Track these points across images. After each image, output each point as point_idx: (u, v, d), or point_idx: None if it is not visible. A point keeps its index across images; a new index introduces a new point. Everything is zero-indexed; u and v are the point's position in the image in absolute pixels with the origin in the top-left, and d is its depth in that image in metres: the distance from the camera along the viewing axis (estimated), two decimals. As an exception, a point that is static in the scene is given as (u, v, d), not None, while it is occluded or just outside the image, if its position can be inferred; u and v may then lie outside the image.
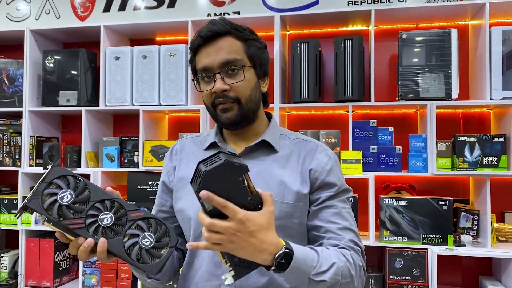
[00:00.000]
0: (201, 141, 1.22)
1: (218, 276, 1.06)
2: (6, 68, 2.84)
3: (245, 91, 1.08)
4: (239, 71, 1.08)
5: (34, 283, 2.69)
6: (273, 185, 1.08)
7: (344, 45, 2.37)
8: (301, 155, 1.13)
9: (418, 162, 2.29)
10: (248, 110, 1.10)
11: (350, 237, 1.07)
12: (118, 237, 0.93)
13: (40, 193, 0.91)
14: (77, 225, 0.91)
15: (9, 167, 2.80)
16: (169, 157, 1.24)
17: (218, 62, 1.07)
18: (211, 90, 1.08)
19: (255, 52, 1.11)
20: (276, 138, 1.15)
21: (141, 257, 0.94)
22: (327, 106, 2.48)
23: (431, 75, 2.30)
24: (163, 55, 2.59)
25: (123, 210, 0.96)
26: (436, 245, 2.23)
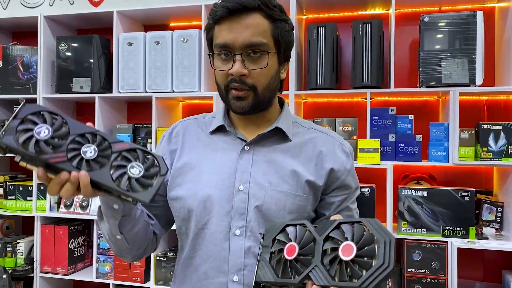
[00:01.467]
0: (205, 124, 1.12)
1: (225, 272, 0.98)
2: (20, 55, 2.83)
3: (264, 79, 0.99)
4: (263, 56, 0.97)
5: (49, 269, 2.71)
6: (286, 176, 1.01)
7: (363, 29, 2.28)
8: (317, 147, 1.05)
9: (439, 151, 2.20)
10: (263, 99, 1.01)
11: None
12: (104, 169, 0.85)
13: (14, 129, 0.81)
14: (58, 158, 0.82)
15: (24, 154, 2.80)
16: (167, 138, 1.13)
17: (242, 42, 0.95)
18: (228, 71, 0.97)
19: (282, 35, 1.00)
20: (289, 126, 1.07)
21: (131, 187, 0.86)
22: (344, 93, 2.40)
23: (454, 60, 2.19)
24: (176, 41, 2.53)
25: (107, 142, 0.87)
26: (457, 238, 2.15)
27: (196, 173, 1.04)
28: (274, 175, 1.01)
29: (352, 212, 1.08)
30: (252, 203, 0.99)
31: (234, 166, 1.02)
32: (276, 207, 0.98)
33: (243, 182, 1.00)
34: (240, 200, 0.99)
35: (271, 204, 0.98)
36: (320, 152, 1.05)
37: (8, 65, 2.83)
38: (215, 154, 1.05)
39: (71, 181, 0.81)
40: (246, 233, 0.98)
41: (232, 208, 0.99)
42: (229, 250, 0.99)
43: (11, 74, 2.83)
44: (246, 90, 0.98)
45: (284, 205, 0.99)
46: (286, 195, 0.99)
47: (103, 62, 2.70)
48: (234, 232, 0.99)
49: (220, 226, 0.99)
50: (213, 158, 1.05)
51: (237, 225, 0.99)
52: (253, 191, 0.99)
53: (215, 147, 1.06)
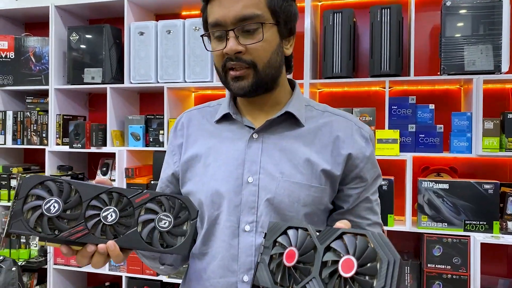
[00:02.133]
0: (210, 113, 1.04)
1: (234, 272, 0.91)
2: (32, 46, 2.81)
3: (263, 55, 0.89)
4: (258, 30, 0.88)
5: (63, 261, 2.70)
6: (299, 165, 0.92)
7: (381, 15, 2.18)
8: (333, 132, 0.96)
9: (462, 142, 2.10)
10: (265, 78, 0.91)
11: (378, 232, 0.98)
12: (131, 230, 0.80)
13: (19, 212, 0.75)
14: (80, 233, 0.77)
15: (37, 145, 2.79)
16: (173, 132, 1.07)
17: (233, 16, 0.87)
18: (223, 51, 0.89)
19: (280, 4, 0.91)
20: (301, 110, 0.97)
21: (164, 242, 0.81)
22: (361, 82, 2.31)
23: (478, 46, 2.09)
24: (187, 30, 2.47)
25: (125, 198, 0.81)
26: (479, 232, 2.06)
27: (203, 165, 0.97)
28: (286, 165, 0.92)
29: (372, 204, 0.98)
30: (262, 196, 0.91)
31: (242, 156, 0.94)
32: (289, 199, 0.90)
33: (253, 173, 0.92)
34: (250, 193, 0.92)
35: (283, 197, 0.90)
36: (337, 137, 0.95)
37: (20, 56, 2.81)
38: (221, 145, 0.97)
39: (99, 253, 0.78)
40: (256, 229, 0.90)
41: (241, 202, 0.92)
42: (238, 248, 0.91)
43: (23, 65, 2.81)
44: (245, 68, 0.89)
45: (298, 198, 0.91)
46: (300, 186, 0.91)
47: (114, 52, 2.65)
48: (243, 228, 0.91)
49: (228, 221, 0.92)
50: (219, 148, 0.97)
51: (247, 220, 0.91)
52: (264, 183, 0.91)
53: (221, 137, 0.99)
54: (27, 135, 2.81)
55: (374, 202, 0.99)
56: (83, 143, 2.62)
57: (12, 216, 0.75)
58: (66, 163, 2.81)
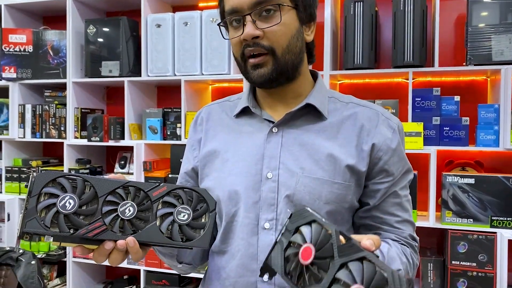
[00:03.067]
0: (230, 107, 1.01)
1: (254, 271, 0.87)
2: (50, 39, 2.81)
3: (282, 39, 0.86)
4: (275, 12, 0.85)
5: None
6: (321, 160, 0.88)
7: (404, 4, 2.11)
8: (357, 122, 0.91)
9: (488, 135, 2.03)
10: (286, 64, 0.87)
11: (409, 231, 0.94)
12: (150, 224, 0.78)
13: (33, 210, 0.73)
14: (98, 229, 0.74)
15: (55, 139, 2.80)
16: (193, 128, 1.04)
17: (249, 1, 0.84)
18: (240, 38, 0.86)
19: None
20: (324, 102, 0.93)
21: (184, 235, 0.79)
22: (384, 73, 2.24)
23: (507, 35, 2.01)
24: (205, 21, 2.43)
25: (142, 192, 0.79)
26: (507, 229, 1.99)
27: (221, 161, 0.94)
28: (307, 160, 0.88)
29: (401, 200, 0.93)
30: (282, 192, 0.87)
31: (261, 151, 0.91)
32: (310, 196, 0.86)
33: (272, 168, 0.89)
34: (269, 189, 0.88)
35: (304, 194, 0.86)
36: (361, 128, 0.91)
37: (38, 50, 2.82)
38: (240, 139, 0.94)
39: (118, 249, 0.75)
40: (276, 227, 0.87)
41: (260, 198, 0.88)
42: (258, 246, 0.87)
43: (42, 58, 2.81)
44: (264, 55, 0.86)
45: (320, 195, 0.86)
46: (321, 182, 0.87)
47: (131, 45, 2.64)
48: (263, 226, 0.88)
49: (247, 218, 0.89)
50: (238, 143, 0.94)
51: (266, 217, 0.88)
52: (283, 179, 0.88)
53: (240, 131, 0.96)
54: (45, 129, 2.82)
55: (404, 198, 0.94)
56: (101, 136, 2.62)
57: (26, 215, 0.73)
58: (84, 157, 2.81)
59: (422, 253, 2.22)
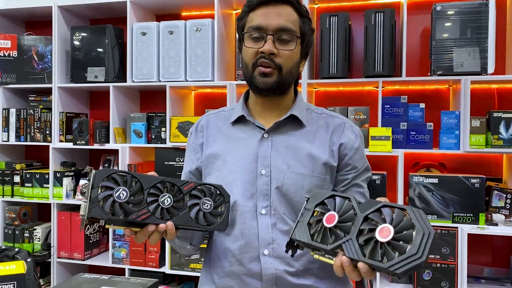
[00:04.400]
0: (225, 116, 1.22)
1: (256, 247, 1.07)
2: (35, 44, 2.87)
3: (289, 62, 1.08)
4: (291, 42, 1.07)
5: (66, 254, 2.78)
6: (303, 159, 1.10)
7: (375, 18, 2.30)
8: (329, 129, 1.15)
9: (450, 139, 2.23)
10: (285, 81, 1.09)
11: None
12: (183, 212, 0.97)
13: (96, 200, 0.90)
14: (145, 215, 0.93)
15: (40, 142, 2.86)
16: (194, 134, 1.24)
17: (275, 25, 1.06)
18: (259, 49, 1.06)
19: (307, 31, 1.11)
20: (303, 113, 1.16)
21: (207, 221, 1.00)
22: (356, 82, 2.42)
23: (466, 49, 2.21)
24: (189, 30, 2.56)
25: (176, 187, 0.98)
26: (467, 224, 2.19)
27: (222, 162, 1.14)
28: (292, 159, 1.10)
29: (364, 189, 1.16)
30: (273, 185, 1.09)
31: (255, 153, 1.11)
32: (295, 187, 1.08)
33: (265, 166, 1.10)
34: (263, 183, 1.09)
35: (289, 185, 1.08)
36: (332, 133, 1.14)
37: (23, 55, 2.87)
38: (237, 144, 1.15)
39: (158, 231, 0.94)
40: (270, 212, 1.08)
41: (257, 191, 1.09)
42: (258, 228, 1.08)
43: (26, 64, 2.87)
44: (273, 68, 1.06)
45: (302, 185, 1.08)
46: (303, 176, 1.09)
47: (117, 52, 2.73)
48: (260, 212, 1.09)
49: (247, 207, 1.09)
50: (235, 147, 1.14)
51: (262, 205, 1.09)
52: (274, 174, 1.09)
53: (236, 137, 1.16)
54: (30, 132, 2.87)
55: (365, 189, 1.17)
56: (87, 140, 2.70)
57: (90, 203, 0.89)
58: (68, 160, 2.88)
59: (392, 247, 2.40)
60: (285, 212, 1.09)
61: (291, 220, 1.09)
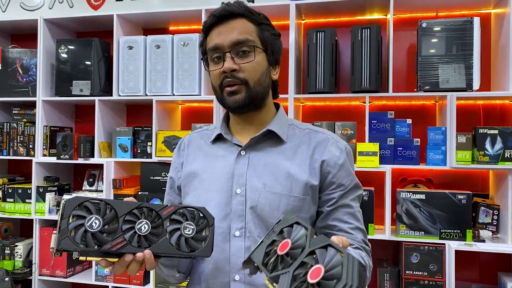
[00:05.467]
0: (207, 135, 1.19)
1: (227, 272, 1.03)
2: (20, 57, 2.84)
3: (254, 74, 1.04)
4: (250, 53, 1.04)
5: (48, 272, 2.71)
6: (280, 177, 1.04)
7: (362, 34, 2.31)
8: (310, 145, 1.09)
9: (437, 155, 2.23)
10: (256, 94, 1.06)
11: (362, 237, 1.07)
12: (162, 238, 0.91)
13: (66, 230, 0.85)
14: (120, 244, 0.87)
15: (23, 156, 2.81)
16: (177, 153, 1.22)
17: (229, 41, 1.03)
18: (220, 70, 1.04)
19: (268, 37, 1.08)
20: (283, 128, 1.11)
21: (190, 247, 0.92)
22: (343, 97, 2.42)
23: (452, 65, 2.23)
24: (176, 45, 2.55)
25: (154, 212, 0.92)
26: (454, 240, 2.18)
27: (199, 180, 1.10)
28: (269, 177, 1.05)
29: (354, 210, 1.08)
30: (248, 204, 1.03)
31: (231, 171, 1.07)
32: (270, 208, 1.02)
33: (240, 185, 1.05)
34: (238, 202, 1.04)
35: (264, 205, 1.02)
36: (314, 149, 1.08)
37: (7, 67, 2.84)
38: (214, 162, 1.11)
39: (137, 261, 0.88)
40: (245, 234, 1.03)
41: (231, 211, 1.04)
42: (230, 251, 1.03)
43: (10, 76, 2.83)
44: (239, 84, 1.03)
45: (278, 206, 1.02)
46: (279, 196, 1.03)
47: (103, 65, 2.71)
48: (234, 234, 1.03)
49: (219, 228, 1.04)
50: (213, 165, 1.10)
51: (237, 226, 1.03)
52: (249, 193, 1.04)
53: (215, 155, 1.12)
54: (13, 146, 2.82)
55: (356, 209, 1.08)
56: (71, 154, 2.66)
57: (60, 235, 0.84)
58: (52, 174, 2.83)
59: (379, 264, 2.38)
60: (260, 235, 1.02)
61: None
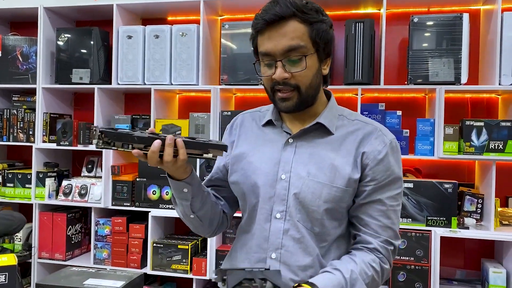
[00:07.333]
0: (259, 117, 1.23)
1: (265, 250, 1.10)
2: (19, 45, 2.88)
3: (306, 79, 1.05)
4: (302, 60, 1.03)
5: (47, 255, 2.78)
6: (324, 168, 1.08)
7: (355, 28, 2.38)
8: (357, 138, 1.10)
9: (425, 145, 2.32)
10: (307, 97, 1.08)
11: (387, 236, 1.09)
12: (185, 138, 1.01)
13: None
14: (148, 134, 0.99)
15: (23, 142, 2.86)
16: (229, 130, 1.26)
17: (281, 48, 1.03)
18: (272, 77, 1.06)
19: (320, 35, 1.05)
20: (333, 120, 1.13)
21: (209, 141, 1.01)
22: (336, 89, 2.50)
23: (441, 59, 2.31)
24: (174, 35, 2.61)
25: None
26: (440, 227, 2.28)
27: (247, 162, 1.16)
28: (313, 167, 1.08)
29: (386, 208, 1.08)
30: (291, 190, 1.09)
31: (278, 157, 1.12)
32: (312, 196, 1.07)
33: (285, 171, 1.10)
34: (282, 187, 1.10)
35: (307, 193, 1.07)
36: (360, 141, 1.10)
37: (7, 55, 2.88)
38: (263, 146, 1.16)
39: (168, 144, 0.97)
40: (286, 217, 1.09)
41: (275, 194, 1.10)
42: (269, 231, 1.10)
43: (10, 64, 2.88)
44: (290, 91, 1.05)
45: (320, 194, 1.07)
46: (322, 185, 1.07)
47: (102, 54, 2.76)
48: (275, 215, 1.10)
49: (263, 209, 1.11)
50: (262, 149, 1.16)
51: (278, 209, 1.10)
52: (293, 180, 1.09)
53: (264, 139, 1.17)
54: (13, 132, 2.88)
55: (390, 208, 1.09)
56: (71, 140, 2.72)
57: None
58: (51, 160, 2.89)
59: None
60: (300, 219, 1.08)
61: (304, 228, 1.08)
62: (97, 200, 2.70)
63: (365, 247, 1.09)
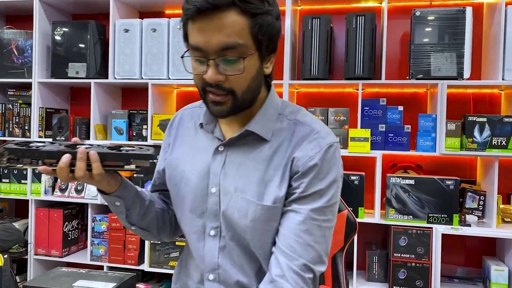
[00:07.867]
0: (198, 115, 1.06)
1: (201, 270, 1.01)
2: (15, 39, 2.84)
3: (242, 83, 0.89)
4: (239, 61, 0.86)
5: (44, 251, 2.75)
6: (253, 181, 0.94)
7: (356, 22, 2.34)
8: (292, 142, 0.95)
9: (427, 141, 2.28)
10: (244, 101, 0.92)
11: (306, 259, 0.90)
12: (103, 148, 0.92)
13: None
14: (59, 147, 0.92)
15: (18, 137, 2.82)
16: (168, 130, 1.12)
17: (215, 45, 0.84)
18: (203, 75, 0.88)
19: (263, 31, 0.87)
20: (267, 123, 0.97)
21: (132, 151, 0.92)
22: (337, 84, 2.46)
23: (443, 54, 2.27)
24: (172, 29, 2.57)
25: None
26: (441, 224, 2.25)
27: (180, 171, 1.04)
28: (242, 180, 0.95)
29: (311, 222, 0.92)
30: (222, 206, 0.97)
31: (208, 168, 0.99)
32: (239, 213, 0.94)
33: (215, 184, 0.97)
34: (213, 202, 0.98)
35: (234, 210, 0.95)
36: (294, 146, 0.95)
37: (2, 48, 2.84)
38: (196, 152, 1.03)
39: (80, 158, 0.88)
40: (220, 234, 0.98)
41: (207, 209, 0.98)
42: (204, 250, 0.99)
43: (5, 57, 2.83)
44: (224, 95, 0.89)
45: (246, 213, 0.94)
46: (248, 202, 0.94)
47: (99, 48, 2.72)
48: (208, 233, 0.99)
49: (195, 226, 1.00)
50: (193, 156, 1.02)
51: (212, 225, 0.98)
52: (222, 195, 0.97)
53: (197, 146, 1.03)
54: (8, 127, 2.84)
55: (314, 222, 0.92)
56: (67, 136, 2.68)
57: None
58: (47, 156, 2.85)
59: (368, 247, 2.45)
60: (232, 238, 0.96)
61: (237, 247, 0.96)
62: (93, 196, 2.66)
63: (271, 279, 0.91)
